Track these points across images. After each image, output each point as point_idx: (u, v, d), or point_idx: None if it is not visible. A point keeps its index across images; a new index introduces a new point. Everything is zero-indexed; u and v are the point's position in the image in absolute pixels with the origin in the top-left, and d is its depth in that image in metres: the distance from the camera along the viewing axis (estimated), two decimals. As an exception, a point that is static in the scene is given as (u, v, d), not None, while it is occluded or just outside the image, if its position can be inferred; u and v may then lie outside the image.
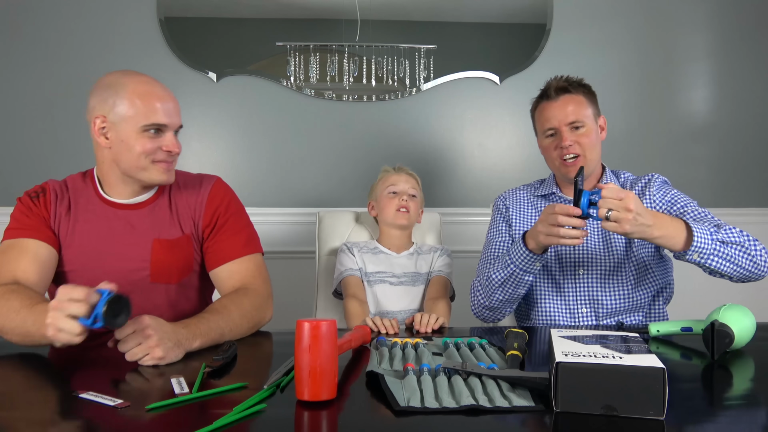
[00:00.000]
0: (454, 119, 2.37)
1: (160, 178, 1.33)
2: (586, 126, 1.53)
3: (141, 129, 1.28)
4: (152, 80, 1.33)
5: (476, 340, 1.20)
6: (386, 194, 1.82)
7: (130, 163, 1.31)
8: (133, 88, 1.28)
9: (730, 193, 2.45)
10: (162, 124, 1.29)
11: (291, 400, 0.90)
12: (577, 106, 1.53)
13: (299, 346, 0.88)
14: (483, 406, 0.85)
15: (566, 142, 1.51)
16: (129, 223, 1.36)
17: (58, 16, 2.24)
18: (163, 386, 0.95)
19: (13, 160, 2.25)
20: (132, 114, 1.27)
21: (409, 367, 0.98)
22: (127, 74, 1.32)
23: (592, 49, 2.38)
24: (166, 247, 1.36)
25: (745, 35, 2.43)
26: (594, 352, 0.90)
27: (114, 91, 1.28)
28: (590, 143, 1.53)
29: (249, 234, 1.44)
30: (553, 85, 1.57)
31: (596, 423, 0.82)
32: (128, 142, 1.29)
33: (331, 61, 2.29)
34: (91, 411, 0.86)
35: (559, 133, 1.53)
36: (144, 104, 1.27)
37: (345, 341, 1.09)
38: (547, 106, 1.56)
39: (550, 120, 1.55)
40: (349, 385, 0.98)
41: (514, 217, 1.65)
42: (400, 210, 1.78)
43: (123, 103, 1.27)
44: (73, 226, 1.34)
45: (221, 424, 0.79)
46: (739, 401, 0.94)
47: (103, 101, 1.29)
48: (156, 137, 1.30)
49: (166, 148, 1.31)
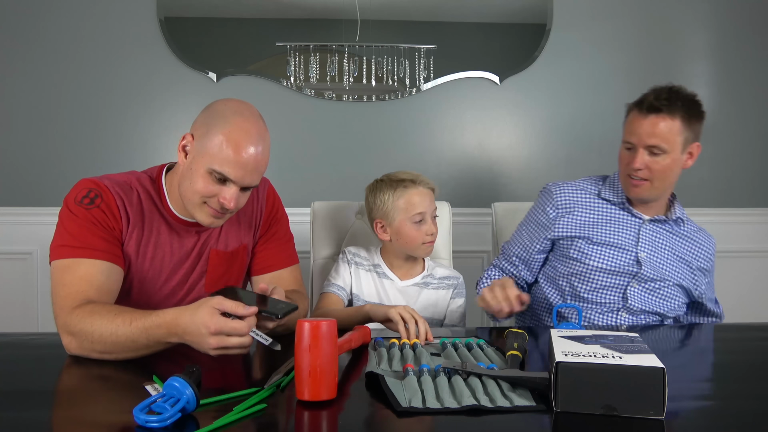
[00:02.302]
0: (454, 119, 2.37)
1: (204, 221, 1.26)
2: (667, 154, 1.44)
3: (209, 170, 1.20)
4: (254, 129, 1.23)
5: (474, 340, 1.20)
6: (410, 221, 1.53)
7: (185, 193, 1.24)
8: (230, 130, 1.20)
9: (730, 193, 2.45)
10: (229, 177, 1.20)
11: (291, 400, 0.90)
12: (666, 131, 1.43)
13: (299, 346, 0.88)
14: (484, 406, 0.85)
15: (636, 165, 1.45)
16: (197, 237, 1.33)
17: (57, 16, 2.24)
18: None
19: (13, 160, 2.25)
20: (213, 152, 1.19)
21: (409, 367, 0.98)
22: (236, 112, 1.23)
23: (592, 49, 2.38)
24: (224, 259, 1.35)
25: (745, 35, 2.43)
26: (594, 352, 0.90)
27: (215, 121, 1.22)
28: (663, 172, 1.45)
29: (293, 242, 1.47)
30: (649, 99, 1.46)
31: (596, 423, 0.82)
32: (195, 173, 1.21)
33: (331, 61, 2.29)
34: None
35: (635, 151, 1.46)
36: (228, 150, 1.19)
37: (345, 341, 1.09)
38: (635, 118, 1.48)
39: (631, 134, 1.48)
40: (349, 385, 0.98)
41: (576, 219, 1.57)
42: (427, 243, 1.54)
43: (214, 137, 1.20)
44: (148, 236, 1.28)
45: (221, 424, 0.79)
46: (739, 401, 0.94)
47: (203, 123, 1.23)
48: (219, 185, 1.22)
49: (222, 199, 1.22)
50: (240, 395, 0.90)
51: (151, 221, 1.28)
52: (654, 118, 1.44)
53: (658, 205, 1.57)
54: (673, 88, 1.47)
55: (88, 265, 1.17)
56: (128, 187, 1.27)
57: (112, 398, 0.94)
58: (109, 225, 1.22)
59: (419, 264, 1.63)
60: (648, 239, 1.54)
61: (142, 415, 0.78)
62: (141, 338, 1.05)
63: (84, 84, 2.26)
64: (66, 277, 1.16)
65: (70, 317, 1.10)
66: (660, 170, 1.45)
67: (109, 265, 1.20)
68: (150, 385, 0.93)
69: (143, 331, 1.05)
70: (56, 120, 2.25)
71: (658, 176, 1.46)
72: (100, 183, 1.25)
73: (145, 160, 2.24)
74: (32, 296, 2.25)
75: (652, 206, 1.56)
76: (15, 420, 0.83)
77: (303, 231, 2.04)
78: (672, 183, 1.51)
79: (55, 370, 1.07)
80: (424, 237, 1.53)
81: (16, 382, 1.01)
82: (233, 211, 1.27)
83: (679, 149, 1.46)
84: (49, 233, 1.24)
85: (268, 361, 1.15)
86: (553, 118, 2.37)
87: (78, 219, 1.20)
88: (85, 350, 1.09)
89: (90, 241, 1.19)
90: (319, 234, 1.87)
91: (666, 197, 1.57)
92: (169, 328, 1.03)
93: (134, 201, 1.26)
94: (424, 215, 1.53)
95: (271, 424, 0.83)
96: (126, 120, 2.27)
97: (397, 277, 1.59)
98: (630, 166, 1.47)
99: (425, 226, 1.53)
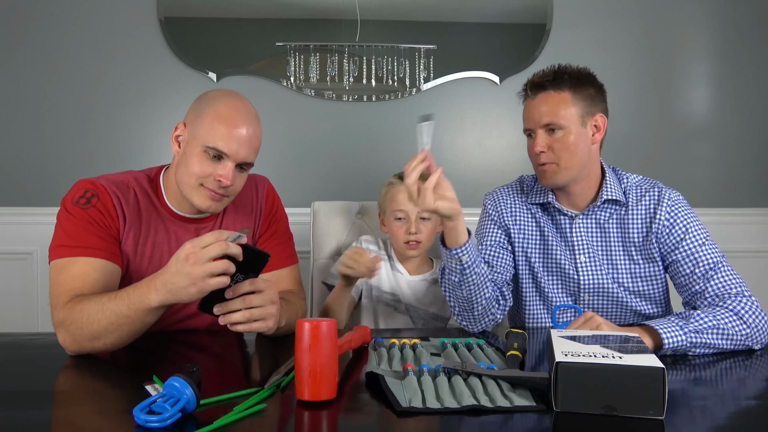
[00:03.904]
0: (454, 119, 2.37)
1: (202, 205, 1.26)
2: (564, 129, 1.36)
3: (203, 148, 1.21)
4: (244, 108, 1.25)
5: (474, 340, 1.20)
6: (393, 218, 1.58)
7: (182, 178, 1.25)
8: (219, 109, 1.22)
9: (730, 193, 2.45)
10: (223, 151, 1.21)
11: (291, 400, 0.90)
12: (554, 106, 1.36)
13: (299, 346, 0.88)
14: (484, 406, 0.85)
15: (537, 147, 1.38)
16: (195, 234, 1.32)
17: (57, 16, 2.24)
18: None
19: (14, 160, 2.25)
20: (204, 131, 1.21)
21: (409, 367, 0.98)
22: (226, 95, 1.26)
23: (592, 49, 2.38)
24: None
25: (745, 35, 2.43)
26: (594, 351, 0.90)
27: (205, 105, 1.24)
28: (566, 149, 1.36)
29: (293, 242, 1.47)
30: (533, 80, 1.40)
31: (596, 423, 0.82)
32: (189, 156, 1.23)
33: (331, 61, 2.29)
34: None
35: (535, 136, 1.39)
36: (219, 126, 1.21)
37: (345, 341, 1.09)
38: (527, 104, 1.42)
39: (526, 120, 1.42)
40: (349, 385, 0.98)
41: (513, 231, 1.49)
42: (410, 244, 1.57)
43: (204, 119, 1.22)
44: (145, 235, 1.27)
45: (221, 424, 0.79)
46: (739, 401, 0.94)
47: (194, 110, 1.26)
48: (215, 163, 1.22)
49: (218, 176, 1.22)
50: (240, 395, 0.90)
51: (148, 220, 1.28)
52: (542, 97, 1.38)
53: (583, 193, 1.44)
54: (559, 65, 1.40)
55: (83, 263, 1.18)
56: (125, 186, 1.28)
57: (111, 398, 0.94)
58: (106, 224, 1.22)
59: (427, 263, 1.65)
60: (582, 242, 1.44)
61: (142, 415, 0.78)
62: (123, 307, 1.05)
63: (84, 84, 2.25)
64: (61, 276, 1.17)
65: (62, 312, 1.11)
66: (562, 148, 1.36)
67: (105, 262, 1.20)
68: (150, 385, 0.93)
69: (124, 299, 1.05)
70: (56, 120, 2.25)
71: (563, 155, 1.36)
72: (97, 183, 1.25)
73: (145, 160, 2.24)
74: (32, 296, 2.25)
75: (575, 195, 1.44)
76: (15, 420, 0.83)
77: (303, 231, 2.04)
78: (582, 161, 1.38)
79: (54, 370, 1.07)
80: (406, 236, 1.55)
81: (17, 382, 1.01)
82: (231, 194, 1.28)
83: (576, 123, 1.37)
84: (49, 233, 1.24)
85: (268, 361, 1.15)
86: (553, 118, 2.37)
87: (75, 219, 1.21)
88: (78, 341, 1.09)
89: (86, 240, 1.19)
90: (319, 234, 1.87)
91: (587, 179, 1.43)
92: (147, 283, 1.04)
93: (131, 200, 1.27)
94: (406, 214, 1.56)
95: (271, 424, 0.83)
96: (126, 120, 2.27)
97: (405, 271, 1.62)
98: (533, 151, 1.40)
99: (406, 225, 1.55)
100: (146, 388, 0.91)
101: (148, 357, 1.13)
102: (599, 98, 1.42)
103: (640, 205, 1.42)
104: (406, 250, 1.58)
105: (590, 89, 1.40)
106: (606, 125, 1.43)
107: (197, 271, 0.98)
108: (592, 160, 1.42)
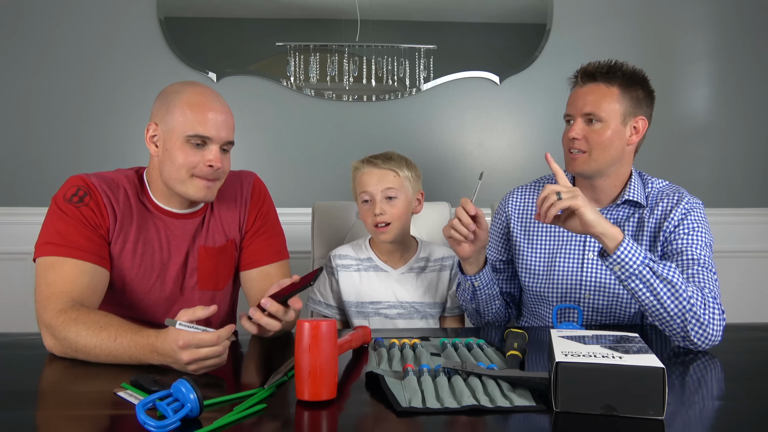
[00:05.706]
0: (454, 119, 2.36)
1: (198, 195, 1.26)
2: (604, 122, 1.36)
3: (185, 139, 1.22)
4: (211, 93, 1.27)
5: (474, 340, 1.20)
6: (360, 201, 1.54)
7: (170, 175, 1.25)
8: (188, 98, 1.23)
9: (730, 193, 2.45)
10: (206, 136, 1.22)
11: (291, 400, 0.90)
12: (600, 98, 1.37)
13: (299, 346, 0.88)
14: (484, 406, 0.85)
15: (572, 133, 1.37)
16: (184, 232, 1.32)
17: (57, 16, 2.24)
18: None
19: (13, 160, 2.25)
20: (180, 123, 1.22)
21: (409, 367, 0.98)
22: (187, 84, 1.28)
23: (592, 49, 2.38)
24: (213, 255, 1.35)
25: (745, 35, 2.43)
26: (594, 351, 0.90)
27: (170, 99, 1.25)
28: (601, 143, 1.36)
29: (283, 237, 1.45)
30: (586, 68, 1.42)
31: (596, 423, 0.82)
32: (172, 151, 1.23)
33: (331, 61, 2.29)
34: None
35: (574, 122, 1.40)
36: (193, 114, 1.22)
37: (345, 341, 1.09)
38: (574, 90, 1.43)
39: (569, 106, 1.42)
40: (349, 385, 0.98)
41: (516, 231, 1.52)
42: (377, 226, 1.51)
43: (175, 112, 1.23)
44: (136, 234, 1.28)
45: (221, 424, 0.79)
46: (739, 401, 0.94)
47: (161, 107, 1.26)
48: (199, 150, 1.23)
49: (208, 162, 1.23)
50: (240, 395, 0.90)
51: (138, 219, 1.29)
52: (590, 86, 1.39)
53: (608, 189, 1.43)
54: (615, 61, 1.42)
55: (72, 266, 1.17)
56: (115, 185, 1.28)
57: (110, 397, 0.94)
58: (97, 223, 1.23)
59: (410, 248, 1.60)
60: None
61: (143, 414, 0.78)
62: (124, 356, 1.05)
63: (84, 84, 2.25)
64: (50, 276, 1.16)
65: (54, 320, 1.10)
66: (598, 141, 1.36)
67: (94, 266, 1.20)
68: (122, 392, 0.92)
69: (126, 350, 1.04)
70: (56, 120, 2.25)
71: (597, 147, 1.36)
72: (89, 181, 1.26)
73: (145, 161, 2.23)
74: (32, 296, 2.24)
75: (599, 190, 1.43)
76: (15, 420, 0.83)
77: (303, 231, 2.04)
78: (614, 158, 1.38)
79: (54, 370, 1.07)
80: (373, 218, 1.50)
81: (17, 382, 1.01)
82: (221, 177, 1.29)
83: (617, 119, 1.37)
84: (50, 234, 1.24)
85: (268, 361, 1.16)
86: (553, 118, 2.37)
87: (67, 217, 1.21)
88: (68, 355, 1.10)
89: (76, 241, 1.19)
90: (319, 234, 1.87)
91: (615, 177, 1.42)
92: (150, 350, 1.03)
93: (121, 199, 1.27)
94: (370, 195, 1.51)
95: (271, 424, 0.83)
96: (126, 120, 2.27)
97: (390, 267, 1.58)
98: (567, 137, 1.40)
99: (372, 206, 1.50)
100: (119, 395, 0.90)
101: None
102: (646, 102, 1.42)
103: (657, 209, 1.42)
104: (377, 234, 1.52)
105: (640, 91, 1.41)
106: (646, 130, 1.42)
107: (191, 367, 0.99)
108: (623, 161, 1.42)
